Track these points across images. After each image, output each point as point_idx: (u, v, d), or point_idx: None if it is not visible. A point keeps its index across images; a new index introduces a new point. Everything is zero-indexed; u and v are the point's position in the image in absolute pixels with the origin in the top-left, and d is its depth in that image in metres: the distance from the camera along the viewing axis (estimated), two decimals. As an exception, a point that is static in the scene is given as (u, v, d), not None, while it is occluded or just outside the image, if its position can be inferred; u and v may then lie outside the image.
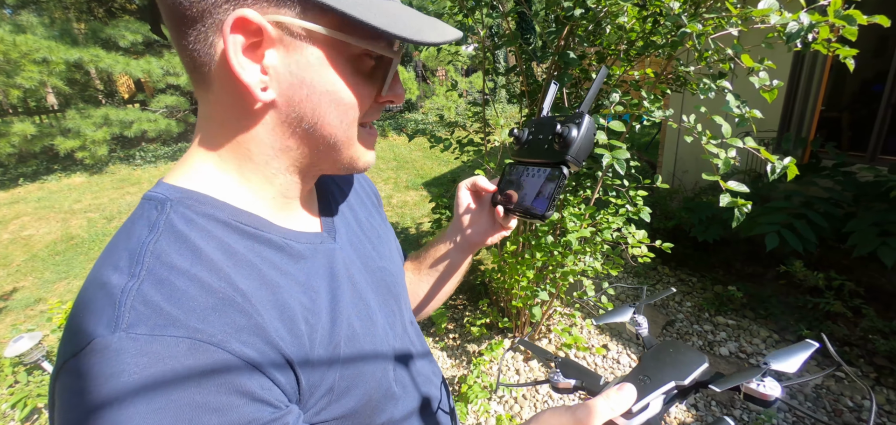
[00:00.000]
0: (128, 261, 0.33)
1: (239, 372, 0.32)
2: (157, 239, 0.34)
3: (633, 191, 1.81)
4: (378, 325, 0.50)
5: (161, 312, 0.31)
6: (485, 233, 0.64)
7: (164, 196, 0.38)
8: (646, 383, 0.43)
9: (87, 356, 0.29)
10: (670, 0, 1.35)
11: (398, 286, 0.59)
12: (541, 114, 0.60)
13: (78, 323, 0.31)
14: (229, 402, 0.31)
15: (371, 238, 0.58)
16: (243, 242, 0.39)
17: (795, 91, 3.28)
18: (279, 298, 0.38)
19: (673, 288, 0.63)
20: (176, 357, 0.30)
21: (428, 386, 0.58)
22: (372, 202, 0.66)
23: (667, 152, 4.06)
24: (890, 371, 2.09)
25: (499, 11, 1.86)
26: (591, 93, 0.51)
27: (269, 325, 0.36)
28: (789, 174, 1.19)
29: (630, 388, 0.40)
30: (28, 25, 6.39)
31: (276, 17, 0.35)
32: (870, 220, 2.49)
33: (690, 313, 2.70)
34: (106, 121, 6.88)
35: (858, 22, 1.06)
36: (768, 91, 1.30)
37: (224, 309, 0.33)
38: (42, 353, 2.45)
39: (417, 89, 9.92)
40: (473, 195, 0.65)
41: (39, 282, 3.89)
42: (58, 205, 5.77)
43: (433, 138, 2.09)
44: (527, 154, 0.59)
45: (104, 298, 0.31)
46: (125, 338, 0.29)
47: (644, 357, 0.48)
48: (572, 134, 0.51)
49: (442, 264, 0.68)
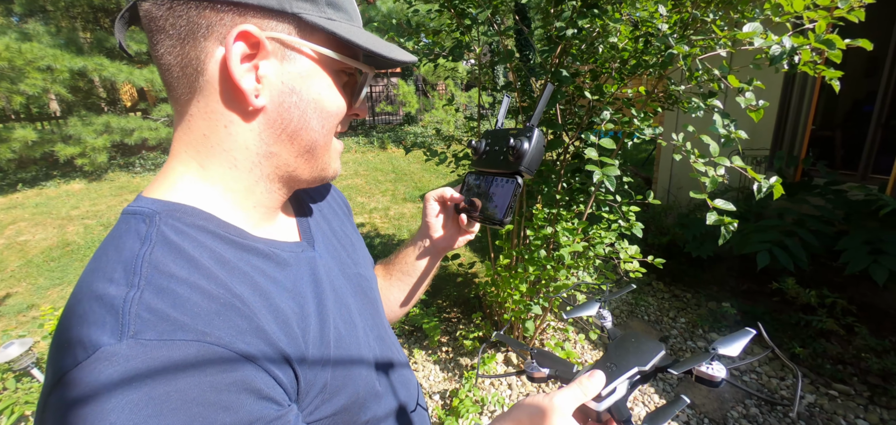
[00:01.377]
0: (123, 272, 0.33)
1: (246, 371, 0.33)
2: (151, 250, 0.35)
3: (625, 206, 1.83)
4: (358, 328, 0.52)
5: (168, 318, 0.31)
6: (451, 238, 0.70)
7: (151, 210, 0.38)
8: (612, 370, 0.48)
9: (93, 365, 0.28)
10: (660, 21, 1.39)
11: (373, 291, 0.63)
12: (496, 126, 0.65)
13: (74, 335, 0.31)
14: (239, 401, 0.32)
15: (345, 246, 0.61)
16: (232, 252, 0.40)
17: (787, 110, 3.34)
18: (272, 303, 0.40)
19: (633, 284, 0.69)
20: (187, 359, 0.30)
21: (406, 386, 0.61)
22: (343, 211, 0.69)
23: (662, 169, 4.10)
24: (883, 390, 2.09)
25: (495, 30, 1.90)
26: (538, 107, 0.57)
27: (268, 328, 0.37)
28: (775, 193, 1.21)
29: (599, 375, 0.45)
30: (34, 33, 6.47)
31: (274, 33, 0.39)
32: (861, 238, 2.52)
33: (685, 329, 2.70)
34: (107, 128, 6.92)
35: (838, 46, 1.10)
36: (754, 111, 1.34)
37: (226, 313, 0.35)
38: (32, 360, 2.43)
39: (417, 103, 10.01)
40: (440, 204, 0.70)
41: (33, 288, 3.87)
42: (55, 212, 5.77)
43: (430, 151, 2.11)
44: (485, 164, 0.64)
45: (103, 309, 0.31)
46: (134, 345, 0.29)
47: (609, 347, 0.52)
48: (524, 147, 0.56)
49: (411, 269, 0.73)
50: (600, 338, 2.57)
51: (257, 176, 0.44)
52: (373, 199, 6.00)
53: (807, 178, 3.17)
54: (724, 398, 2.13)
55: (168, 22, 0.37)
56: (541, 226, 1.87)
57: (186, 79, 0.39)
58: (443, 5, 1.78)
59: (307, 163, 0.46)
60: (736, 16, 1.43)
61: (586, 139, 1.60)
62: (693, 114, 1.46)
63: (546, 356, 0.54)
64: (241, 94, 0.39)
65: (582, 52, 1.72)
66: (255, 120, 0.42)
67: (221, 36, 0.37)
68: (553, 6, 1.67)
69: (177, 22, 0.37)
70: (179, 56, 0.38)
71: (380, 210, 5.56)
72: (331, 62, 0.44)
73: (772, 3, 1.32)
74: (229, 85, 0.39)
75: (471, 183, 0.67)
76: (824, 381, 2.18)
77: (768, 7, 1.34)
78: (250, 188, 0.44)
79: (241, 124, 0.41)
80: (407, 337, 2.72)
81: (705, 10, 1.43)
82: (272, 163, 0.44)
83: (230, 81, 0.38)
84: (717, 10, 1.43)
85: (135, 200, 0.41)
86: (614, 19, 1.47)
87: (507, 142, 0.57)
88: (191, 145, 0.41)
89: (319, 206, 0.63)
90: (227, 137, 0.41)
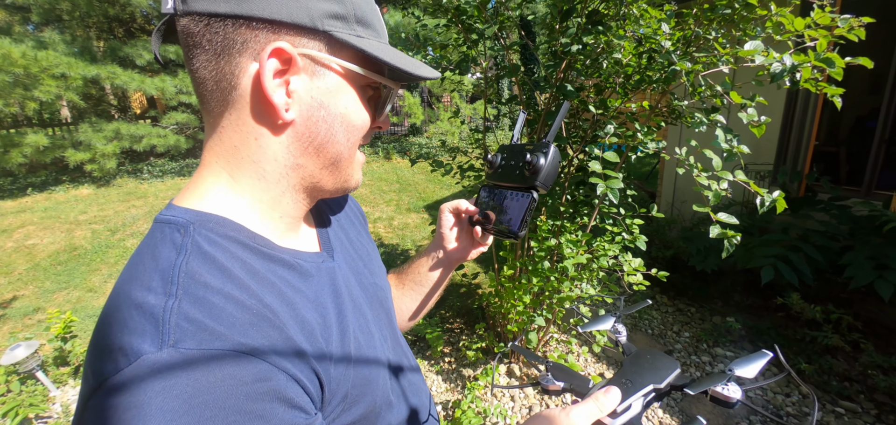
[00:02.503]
0: (161, 281, 0.34)
1: (278, 381, 0.34)
2: (187, 260, 0.36)
3: (629, 219, 1.84)
4: (375, 338, 0.53)
5: (205, 328, 0.33)
6: (464, 250, 0.71)
7: (185, 220, 0.40)
8: (628, 386, 0.48)
9: (134, 372, 0.30)
10: (663, 38, 1.42)
11: (388, 301, 0.64)
12: (511, 141, 0.66)
13: (115, 341, 0.32)
14: (272, 409, 0.33)
15: (362, 256, 0.62)
16: (261, 262, 0.42)
17: (790, 125, 3.35)
18: (298, 314, 0.41)
19: (649, 299, 0.68)
20: (224, 368, 0.32)
21: (418, 395, 0.62)
22: (359, 221, 0.71)
23: (666, 182, 4.11)
24: (891, 408, 2.07)
25: (501, 45, 1.94)
26: (555, 124, 0.58)
27: (297, 338, 0.38)
28: (778, 207, 1.23)
29: (615, 391, 0.45)
30: (50, 42, 6.63)
31: (305, 49, 0.41)
32: (866, 254, 2.51)
33: (689, 343, 2.69)
34: (117, 135, 7.03)
35: (838, 65, 1.12)
36: (757, 126, 1.36)
37: (259, 323, 0.36)
38: (37, 363, 2.45)
39: (422, 114, 10.11)
40: (455, 216, 0.71)
41: (40, 292, 3.91)
42: (63, 216, 5.84)
43: (435, 163, 2.14)
44: (500, 178, 0.65)
45: (143, 317, 0.32)
46: (174, 353, 0.30)
47: (625, 363, 0.53)
48: (540, 162, 0.57)
49: (424, 279, 0.74)
50: (605, 351, 2.56)
51: (284, 187, 0.45)
52: (377, 209, 6.03)
53: (811, 194, 3.17)
54: (729, 413, 2.12)
55: (205, 38, 0.38)
56: (545, 237, 1.88)
57: (220, 92, 0.41)
58: (450, 20, 1.83)
59: (332, 175, 0.48)
60: (738, 33, 1.46)
61: (590, 152, 1.63)
62: (696, 129, 1.48)
63: (561, 370, 0.55)
64: (272, 108, 0.41)
65: (586, 67, 1.75)
66: (285, 133, 0.43)
67: (256, 52, 0.39)
68: (558, 22, 1.71)
69: (213, 38, 0.38)
70: (214, 70, 0.40)
71: (384, 220, 5.59)
72: (358, 78, 0.45)
73: (773, 21, 1.35)
74: (261, 99, 0.40)
75: (485, 196, 0.68)
76: (831, 398, 2.16)
77: (769, 25, 1.37)
78: (277, 199, 0.46)
79: (271, 137, 0.42)
80: (410, 346, 2.72)
81: (708, 28, 1.46)
82: (299, 175, 0.46)
83: (262, 96, 0.40)
84: (720, 28, 1.46)
85: (167, 209, 0.42)
86: (618, 36, 1.50)
87: (524, 158, 0.58)
88: (222, 156, 0.43)
89: (337, 216, 0.64)
90: (257, 149, 0.43)
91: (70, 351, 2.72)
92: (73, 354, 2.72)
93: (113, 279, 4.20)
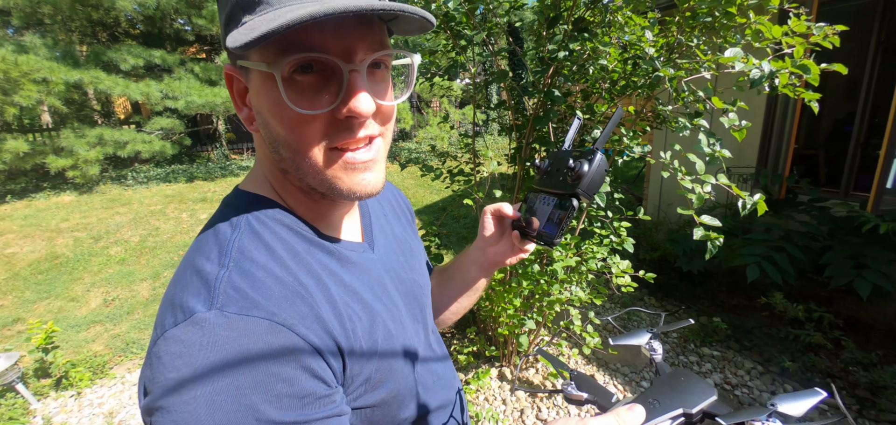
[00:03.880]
0: (218, 253, 0.41)
1: (304, 351, 0.38)
2: (240, 237, 0.42)
3: (616, 222, 1.87)
4: (407, 329, 0.55)
5: (247, 297, 0.38)
6: (504, 254, 0.69)
7: (242, 202, 0.47)
8: (655, 406, 0.46)
9: (188, 326, 0.36)
10: (647, 45, 1.45)
11: (424, 297, 0.65)
12: (563, 147, 0.63)
13: (178, 300, 0.38)
14: (296, 375, 0.37)
15: (404, 251, 0.64)
16: (302, 244, 0.46)
17: (771, 130, 3.45)
18: (330, 296, 0.45)
19: (691, 319, 0.64)
20: (258, 333, 0.37)
21: (447, 391, 0.63)
22: (407, 218, 0.73)
23: (652, 185, 4.18)
24: (872, 403, 2.12)
25: (489, 51, 1.96)
26: (605, 131, 0.55)
27: (326, 317, 0.42)
28: (759, 209, 1.26)
29: (639, 409, 0.41)
30: (31, 46, 6.48)
31: (235, 64, 0.44)
32: (845, 253, 2.59)
33: (676, 344, 2.73)
34: (100, 140, 6.89)
35: (813, 71, 1.16)
36: (738, 131, 1.39)
37: (293, 299, 0.40)
38: (17, 375, 2.38)
39: (411, 119, 10.12)
40: (496, 219, 0.70)
41: (19, 302, 3.80)
42: (44, 224, 5.69)
43: (425, 167, 2.15)
44: (546, 183, 0.63)
45: (200, 282, 0.39)
46: (220, 315, 0.36)
47: (655, 381, 0.50)
48: (584, 168, 0.54)
49: (463, 280, 0.74)
50: (596, 354, 2.59)
51: (292, 187, 0.49)
52: (367, 214, 6.00)
53: (791, 195, 3.26)
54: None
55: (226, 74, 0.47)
56: (534, 240, 1.90)
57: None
58: (439, 27, 1.84)
59: (310, 178, 0.44)
60: (719, 40, 1.50)
61: (578, 156, 1.65)
62: (680, 134, 1.52)
63: (585, 380, 0.53)
64: (247, 123, 0.46)
65: (573, 73, 1.78)
66: (263, 143, 0.48)
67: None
68: (545, 29, 1.74)
69: (225, 74, 0.47)
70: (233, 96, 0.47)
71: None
72: (276, 68, 0.39)
73: (752, 29, 1.40)
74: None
75: (530, 201, 0.65)
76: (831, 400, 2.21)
77: (749, 33, 1.41)
78: (296, 195, 0.50)
79: (262, 147, 0.48)
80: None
81: (690, 35, 1.50)
82: (291, 179, 0.47)
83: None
84: (701, 36, 1.51)
85: (232, 193, 0.49)
86: (604, 43, 1.53)
87: (567, 163, 0.56)
88: (259, 153, 0.51)
89: (384, 211, 0.67)
90: (264, 156, 0.49)
91: (51, 362, 2.65)
92: (55, 366, 2.64)
93: (96, 287, 4.10)
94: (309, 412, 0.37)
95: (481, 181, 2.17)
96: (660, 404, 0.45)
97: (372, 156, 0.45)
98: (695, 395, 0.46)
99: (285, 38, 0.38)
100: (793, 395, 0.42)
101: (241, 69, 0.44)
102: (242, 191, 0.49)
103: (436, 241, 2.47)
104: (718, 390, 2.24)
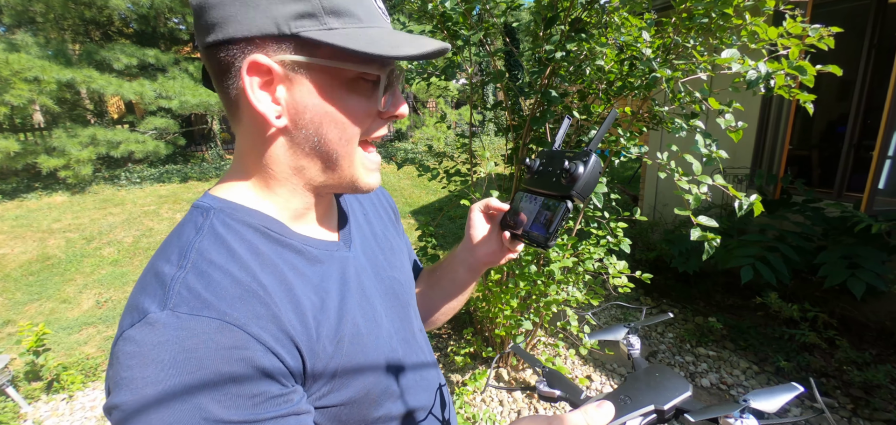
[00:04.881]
0: (178, 255, 0.41)
1: (256, 351, 0.38)
2: (202, 239, 0.43)
3: (613, 222, 1.87)
4: (383, 328, 0.55)
5: (199, 297, 0.38)
6: (493, 254, 0.67)
7: (209, 205, 0.46)
8: (626, 403, 0.44)
9: (142, 327, 0.36)
10: (644, 46, 1.45)
11: (407, 294, 0.64)
12: (553, 147, 0.63)
13: (137, 301, 0.39)
14: (247, 374, 0.37)
15: (384, 249, 0.64)
16: (268, 245, 0.46)
17: (765, 131, 3.47)
18: (294, 295, 0.44)
19: (670, 313, 0.63)
20: (208, 333, 0.37)
21: (430, 391, 0.62)
22: (389, 216, 0.72)
23: (648, 186, 4.19)
24: (866, 402, 2.14)
25: (486, 51, 1.96)
26: (599, 133, 0.54)
27: (284, 316, 0.42)
28: (755, 210, 1.27)
29: (608, 406, 0.41)
30: (23, 44, 6.40)
31: (279, 56, 0.43)
32: (839, 253, 2.61)
33: (672, 344, 2.74)
34: (93, 140, 6.81)
35: (809, 72, 1.17)
36: (734, 131, 1.40)
37: (248, 298, 0.40)
38: (7, 378, 2.34)
39: (408, 119, 10.11)
40: (486, 216, 0.68)
41: (10, 304, 3.75)
42: (36, 224, 5.62)
43: (421, 167, 2.14)
44: (537, 183, 0.62)
45: (157, 284, 0.39)
46: (171, 315, 0.37)
47: (629, 377, 0.49)
48: (578, 170, 0.53)
49: (452, 281, 0.73)
50: (592, 354, 2.59)
51: (292, 187, 0.49)
52: (364, 214, 5.98)
53: (786, 196, 3.29)
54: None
55: (210, 66, 0.45)
56: (531, 241, 1.89)
57: (230, 108, 0.47)
58: (436, 27, 1.83)
59: (334, 175, 0.49)
60: (715, 42, 1.50)
61: (575, 157, 1.65)
62: (676, 134, 1.52)
63: (557, 377, 0.52)
64: (262, 118, 0.44)
65: (570, 74, 1.78)
66: (282, 138, 0.46)
67: (238, 70, 0.43)
68: (542, 30, 1.74)
69: (214, 65, 0.44)
70: (220, 90, 0.46)
71: (371, 225, 5.54)
72: (339, 72, 0.44)
73: (748, 30, 1.40)
74: (253, 110, 0.44)
75: (520, 200, 0.64)
76: (809, 394, 2.22)
77: (745, 34, 1.42)
78: (288, 197, 0.50)
79: (271, 143, 0.47)
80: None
81: (686, 36, 1.51)
82: (304, 176, 0.49)
83: (252, 108, 0.43)
84: (698, 37, 1.51)
85: (203, 196, 0.49)
86: (601, 43, 1.53)
87: (562, 164, 0.55)
88: (240, 158, 0.49)
89: (365, 209, 0.66)
90: (262, 155, 0.47)
91: (43, 365, 2.61)
92: (46, 368, 2.60)
93: (89, 289, 4.05)
94: (261, 411, 0.38)
95: (478, 181, 2.17)
96: (631, 400, 0.44)
97: (379, 158, 0.53)
98: (668, 391, 0.45)
99: None
100: (767, 390, 0.40)
101: (290, 65, 0.43)
102: (211, 194, 0.49)
103: (432, 242, 2.46)
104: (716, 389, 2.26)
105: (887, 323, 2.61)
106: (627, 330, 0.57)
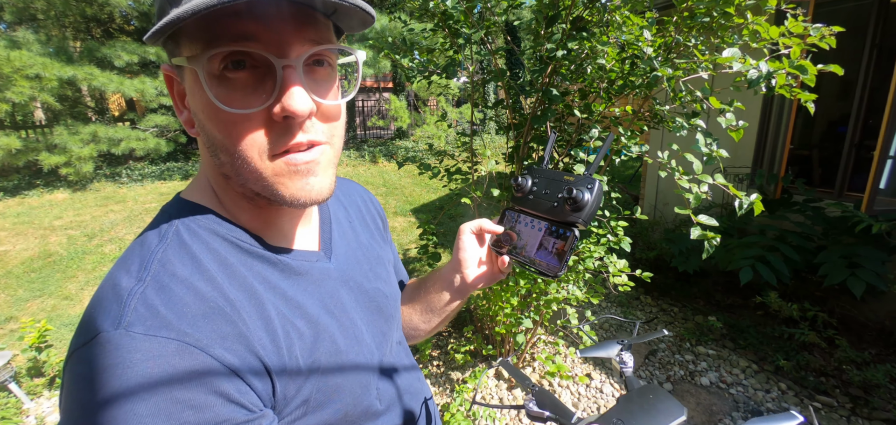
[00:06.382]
0: (138, 266, 0.37)
1: (218, 375, 0.35)
2: (166, 248, 0.39)
3: (613, 221, 1.88)
4: (364, 343, 0.51)
5: (157, 315, 0.34)
6: (482, 278, 0.63)
7: (176, 209, 0.43)
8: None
9: (92, 347, 0.33)
10: (645, 45, 1.45)
11: (390, 307, 0.60)
12: (542, 163, 0.61)
13: (90, 316, 0.35)
14: (207, 401, 0.34)
15: (370, 259, 0.60)
16: (238, 256, 0.42)
17: (766, 130, 3.47)
18: (264, 311, 0.41)
19: (665, 330, 0.63)
20: (164, 356, 0.33)
21: (413, 404, 0.60)
22: (376, 225, 0.67)
23: (648, 185, 4.19)
24: (865, 401, 2.15)
25: (487, 49, 1.96)
26: (597, 156, 0.54)
27: (253, 335, 0.38)
28: (755, 209, 1.27)
29: None
30: (24, 42, 6.39)
31: (170, 63, 0.41)
32: (839, 253, 2.61)
33: (672, 343, 2.74)
34: (94, 138, 6.82)
35: (810, 72, 1.17)
36: (734, 130, 1.40)
37: (213, 316, 0.37)
38: (10, 374, 2.35)
39: (408, 118, 10.10)
40: (477, 237, 0.63)
41: (12, 300, 3.76)
42: (37, 221, 5.63)
43: (422, 166, 2.14)
44: (530, 205, 0.59)
45: (113, 297, 0.35)
46: (124, 335, 0.33)
47: (621, 399, 0.49)
48: (585, 198, 0.51)
49: (436, 303, 0.68)
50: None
51: (235, 193, 0.44)
52: (364, 212, 5.98)
53: (786, 196, 3.28)
54: (713, 410, 2.16)
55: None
56: (532, 239, 1.90)
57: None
58: (437, 25, 1.84)
59: (252, 183, 0.40)
60: (716, 41, 1.50)
61: (575, 156, 1.65)
62: (677, 133, 1.52)
63: (547, 397, 0.51)
64: (186, 126, 0.43)
65: (571, 72, 1.78)
66: (203, 147, 0.43)
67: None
68: (543, 28, 1.74)
69: (164, 75, 0.43)
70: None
71: (371, 223, 5.55)
72: (201, 63, 0.36)
73: (749, 29, 1.40)
74: None
75: (514, 222, 0.60)
76: (808, 393, 2.23)
77: (746, 33, 1.42)
78: (240, 203, 0.45)
79: (203, 152, 0.45)
80: (398, 350, 2.71)
81: (687, 35, 1.51)
82: (235, 184, 0.42)
83: None
84: (699, 36, 1.51)
85: (172, 200, 0.45)
86: (602, 42, 1.53)
87: (566, 191, 0.52)
88: (203, 158, 0.46)
89: (350, 216, 0.62)
90: (206, 159, 0.45)
91: (45, 361, 2.62)
92: (49, 364, 2.62)
93: (90, 286, 4.07)
94: None
95: (479, 180, 2.17)
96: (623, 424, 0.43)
97: (315, 158, 0.41)
98: (661, 416, 0.44)
99: (212, 32, 0.35)
100: (766, 419, 0.40)
101: (176, 68, 0.40)
102: (181, 198, 0.45)
103: (433, 240, 2.46)
104: (715, 388, 2.27)
105: (887, 322, 2.61)
106: (620, 347, 0.56)
